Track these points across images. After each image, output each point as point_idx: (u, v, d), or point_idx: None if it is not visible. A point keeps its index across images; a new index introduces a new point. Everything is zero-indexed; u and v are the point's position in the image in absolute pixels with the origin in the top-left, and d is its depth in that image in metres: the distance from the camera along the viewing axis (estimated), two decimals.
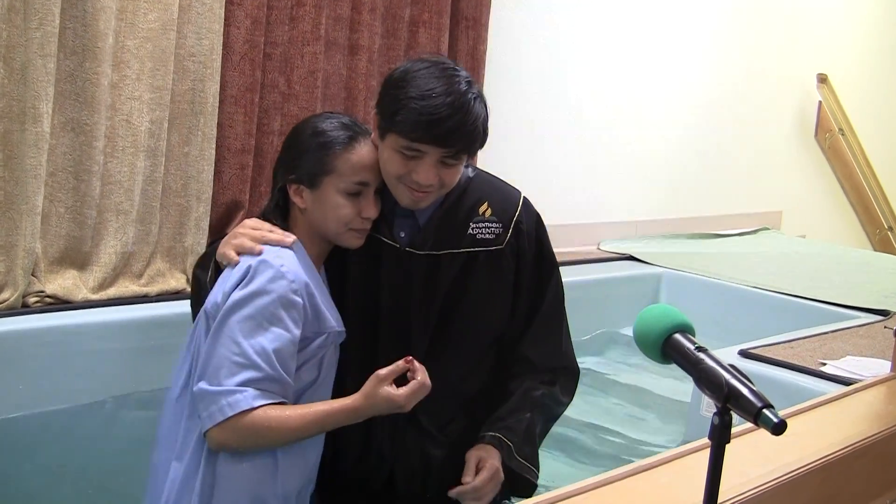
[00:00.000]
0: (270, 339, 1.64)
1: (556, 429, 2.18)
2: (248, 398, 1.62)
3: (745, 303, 4.20)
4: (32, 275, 2.82)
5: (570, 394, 2.13)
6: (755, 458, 1.82)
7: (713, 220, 5.94)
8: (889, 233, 7.46)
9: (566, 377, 2.11)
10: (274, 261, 1.71)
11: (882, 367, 2.77)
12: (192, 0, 3.07)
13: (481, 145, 1.84)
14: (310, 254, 1.84)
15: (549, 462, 2.77)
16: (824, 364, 2.85)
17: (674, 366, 1.31)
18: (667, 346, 1.31)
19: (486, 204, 1.96)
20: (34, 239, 2.79)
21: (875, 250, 7.09)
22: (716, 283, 4.37)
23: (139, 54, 2.95)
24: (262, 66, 3.34)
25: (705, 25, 5.76)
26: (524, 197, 2.03)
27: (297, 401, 1.76)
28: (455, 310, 1.95)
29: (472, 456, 1.90)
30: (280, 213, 1.86)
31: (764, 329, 3.47)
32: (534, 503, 1.56)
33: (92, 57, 2.83)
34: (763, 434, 1.26)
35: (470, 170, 2.00)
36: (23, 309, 2.76)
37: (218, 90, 3.18)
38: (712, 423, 1.23)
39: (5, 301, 2.70)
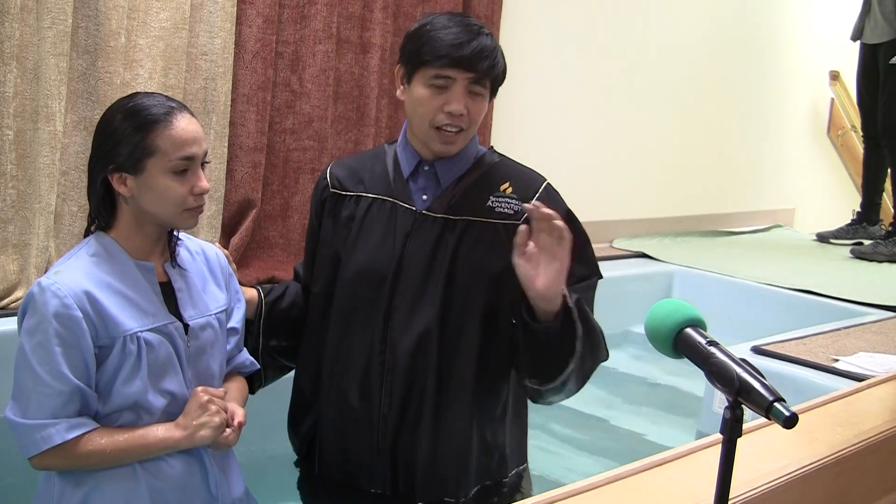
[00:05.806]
0: (61, 358, 1.65)
1: (569, 424, 2.15)
2: (62, 431, 1.65)
3: (758, 299, 4.19)
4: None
5: (604, 355, 1.97)
6: (768, 453, 1.82)
7: (726, 217, 5.93)
8: None
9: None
10: (48, 280, 1.68)
11: (894, 363, 2.77)
12: None
13: (502, 79, 1.94)
14: (131, 247, 1.76)
15: (563, 457, 2.77)
16: (837, 360, 2.84)
17: (686, 361, 1.31)
18: (678, 341, 1.31)
19: (507, 183, 2.00)
20: (47, 238, 2.81)
21: None
22: (728, 280, 4.36)
23: (151, 53, 2.96)
24: (274, 65, 3.35)
25: (718, 22, 5.75)
26: (548, 183, 2.04)
27: (135, 410, 1.73)
28: (464, 278, 1.94)
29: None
30: (107, 208, 1.77)
31: (776, 325, 3.47)
32: (547, 498, 1.56)
33: (104, 56, 2.85)
34: (776, 429, 1.26)
35: (496, 156, 2.06)
36: None
37: (230, 89, 3.19)
38: (724, 417, 1.22)
39: (19, 300, 2.71)
